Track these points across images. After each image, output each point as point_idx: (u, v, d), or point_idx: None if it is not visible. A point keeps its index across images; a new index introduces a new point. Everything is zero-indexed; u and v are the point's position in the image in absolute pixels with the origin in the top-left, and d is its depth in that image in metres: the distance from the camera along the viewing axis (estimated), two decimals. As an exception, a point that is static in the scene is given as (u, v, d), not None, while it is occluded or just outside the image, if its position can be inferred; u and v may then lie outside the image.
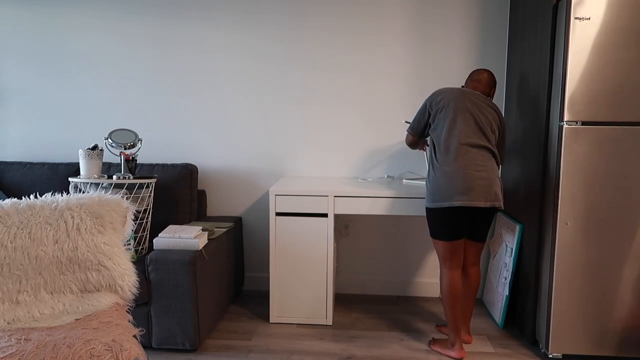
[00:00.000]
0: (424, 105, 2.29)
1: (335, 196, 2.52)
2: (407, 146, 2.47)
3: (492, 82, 2.33)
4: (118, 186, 2.39)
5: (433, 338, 2.42)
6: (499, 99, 2.91)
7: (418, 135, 2.36)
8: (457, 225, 2.17)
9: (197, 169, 2.88)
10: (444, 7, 2.87)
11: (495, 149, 2.19)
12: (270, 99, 3.01)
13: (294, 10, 2.93)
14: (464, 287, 2.34)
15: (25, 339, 1.38)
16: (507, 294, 2.59)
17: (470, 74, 2.38)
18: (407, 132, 2.42)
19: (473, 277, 2.34)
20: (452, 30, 2.88)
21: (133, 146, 2.46)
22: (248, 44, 2.97)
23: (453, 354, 2.25)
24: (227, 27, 2.97)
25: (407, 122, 2.85)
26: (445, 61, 2.90)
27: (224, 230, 2.67)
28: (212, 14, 2.96)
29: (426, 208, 2.24)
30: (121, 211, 1.83)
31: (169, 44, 3.00)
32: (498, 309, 2.66)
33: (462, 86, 2.37)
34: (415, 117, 2.34)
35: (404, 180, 2.87)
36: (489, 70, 2.35)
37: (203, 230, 2.51)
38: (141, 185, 2.46)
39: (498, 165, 2.21)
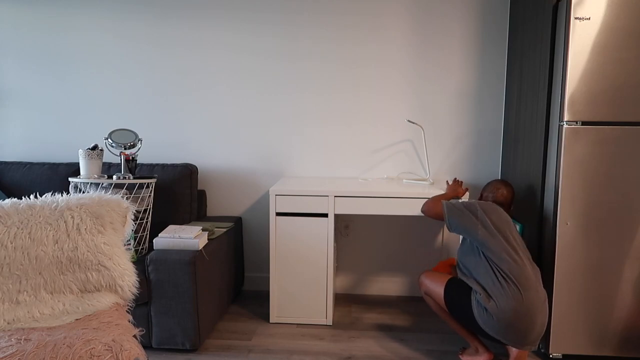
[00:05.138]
0: (474, 207, 2.09)
1: (335, 196, 2.52)
2: (426, 210, 2.24)
3: (511, 197, 2.26)
4: (118, 186, 2.39)
5: (463, 347, 2.36)
6: (499, 99, 2.91)
7: (450, 215, 2.13)
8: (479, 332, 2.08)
9: (197, 169, 2.88)
10: (444, 7, 2.87)
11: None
12: (271, 98, 3.01)
13: (295, 9, 2.93)
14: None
15: (25, 339, 1.38)
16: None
17: (494, 188, 2.26)
18: (436, 202, 2.20)
19: None
20: (453, 29, 2.88)
21: (133, 146, 2.46)
22: (248, 43, 2.97)
23: (482, 358, 2.18)
24: (227, 27, 2.97)
25: (410, 121, 2.85)
26: (446, 60, 2.90)
27: (224, 230, 2.67)
28: (212, 13, 2.96)
29: (470, 306, 2.05)
30: (121, 211, 1.83)
31: (169, 43, 3.00)
32: (498, 309, 2.65)
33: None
34: (460, 204, 2.13)
35: (404, 180, 2.87)
36: (508, 186, 2.27)
37: (203, 230, 2.51)
38: (141, 185, 2.46)
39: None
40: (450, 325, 2.23)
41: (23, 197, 1.76)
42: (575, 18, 2.05)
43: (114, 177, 2.38)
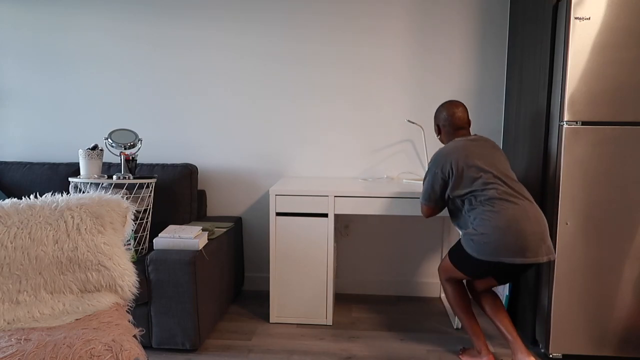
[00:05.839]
0: (433, 173, 2.13)
1: (335, 196, 2.52)
2: (427, 217, 2.30)
3: (467, 116, 2.25)
4: (118, 186, 2.39)
5: (463, 347, 2.35)
6: (499, 99, 2.91)
7: (436, 202, 2.19)
8: (492, 272, 2.07)
9: (197, 169, 2.88)
10: (444, 6, 2.87)
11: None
12: (271, 98, 3.01)
13: (294, 10, 2.93)
14: (489, 312, 2.20)
15: (25, 339, 1.38)
16: (507, 294, 2.59)
17: (449, 114, 2.23)
18: (421, 204, 2.25)
19: (492, 298, 2.21)
20: (453, 29, 2.88)
21: (133, 146, 2.46)
22: (248, 43, 2.97)
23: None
24: (227, 27, 2.97)
25: (410, 121, 2.86)
26: (445, 61, 2.90)
27: (224, 230, 2.67)
28: (212, 14, 2.96)
29: (463, 249, 2.08)
30: (121, 211, 1.82)
31: (170, 43, 3.00)
32: (498, 309, 2.65)
33: (448, 123, 2.24)
34: (426, 187, 2.18)
35: (404, 180, 2.87)
36: (460, 105, 2.25)
37: (203, 230, 2.51)
38: (141, 185, 2.46)
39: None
40: (463, 321, 2.20)
41: (23, 197, 1.76)
42: (575, 18, 2.05)
43: (114, 177, 2.38)
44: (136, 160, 2.48)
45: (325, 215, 2.53)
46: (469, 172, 2.05)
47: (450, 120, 2.23)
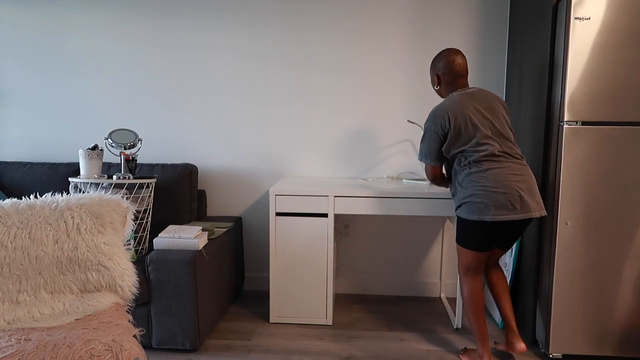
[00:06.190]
0: (430, 130, 2.10)
1: (335, 196, 2.52)
2: (434, 182, 2.25)
3: (466, 63, 2.17)
4: (118, 186, 2.39)
5: (465, 348, 2.34)
6: (499, 99, 2.91)
7: (437, 160, 2.16)
8: (494, 237, 2.06)
9: (197, 169, 2.88)
10: (444, 7, 2.87)
11: (518, 148, 2.07)
12: (271, 99, 3.01)
13: (294, 11, 2.93)
14: (495, 290, 2.24)
15: (25, 339, 1.38)
16: (507, 294, 2.59)
17: (449, 61, 2.14)
18: (425, 165, 2.22)
19: (500, 278, 2.25)
20: (452, 30, 2.88)
21: (133, 146, 2.46)
22: (248, 44, 2.97)
23: None
24: (227, 28, 2.97)
25: (410, 121, 2.86)
26: (445, 61, 2.90)
27: (224, 230, 2.67)
28: (212, 15, 2.96)
29: (461, 219, 2.09)
30: (121, 211, 1.82)
31: (170, 44, 3.00)
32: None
33: (444, 75, 2.17)
34: (424, 146, 2.16)
35: (404, 180, 2.87)
36: (459, 52, 2.17)
37: (203, 230, 2.51)
38: (141, 185, 2.46)
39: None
40: (472, 324, 2.15)
41: (23, 197, 1.76)
42: (575, 18, 2.05)
43: (114, 177, 2.38)
44: (136, 160, 2.48)
45: (325, 215, 2.54)
46: (466, 130, 2.03)
47: (451, 68, 2.15)
